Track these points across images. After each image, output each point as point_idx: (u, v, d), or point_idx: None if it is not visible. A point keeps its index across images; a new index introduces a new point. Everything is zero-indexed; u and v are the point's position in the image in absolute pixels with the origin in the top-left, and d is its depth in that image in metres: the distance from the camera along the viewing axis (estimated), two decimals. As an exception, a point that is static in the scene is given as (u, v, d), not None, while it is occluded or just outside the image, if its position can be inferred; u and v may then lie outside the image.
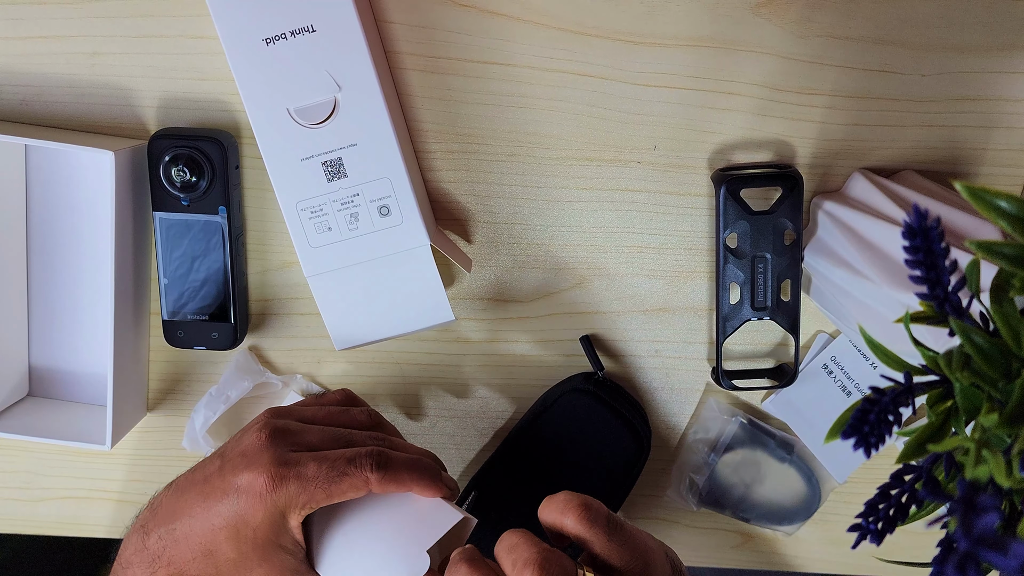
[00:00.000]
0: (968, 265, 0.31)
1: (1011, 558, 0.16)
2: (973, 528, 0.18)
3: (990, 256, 0.28)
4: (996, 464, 0.24)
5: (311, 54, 0.50)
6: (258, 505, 0.44)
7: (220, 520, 0.45)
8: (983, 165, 0.56)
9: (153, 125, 0.56)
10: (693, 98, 0.55)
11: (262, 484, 0.44)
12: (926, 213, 0.28)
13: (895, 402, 0.29)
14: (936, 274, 0.29)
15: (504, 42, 0.54)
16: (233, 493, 0.44)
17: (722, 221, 0.54)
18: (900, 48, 0.53)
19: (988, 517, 0.18)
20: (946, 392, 0.32)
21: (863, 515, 0.30)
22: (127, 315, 0.56)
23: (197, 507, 0.45)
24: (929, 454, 0.30)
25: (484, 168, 0.57)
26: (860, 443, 0.27)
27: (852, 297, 0.50)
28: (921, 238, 0.28)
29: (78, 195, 0.58)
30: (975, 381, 0.29)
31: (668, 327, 0.59)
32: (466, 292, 0.59)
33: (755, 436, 0.61)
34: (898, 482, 0.30)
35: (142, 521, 0.47)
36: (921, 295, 0.30)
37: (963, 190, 0.27)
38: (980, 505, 0.19)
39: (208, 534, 0.45)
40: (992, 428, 0.25)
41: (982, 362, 0.28)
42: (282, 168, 0.52)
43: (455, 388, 0.61)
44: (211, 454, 0.48)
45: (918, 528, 0.62)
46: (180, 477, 0.48)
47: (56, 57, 0.55)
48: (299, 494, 0.44)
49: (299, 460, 0.45)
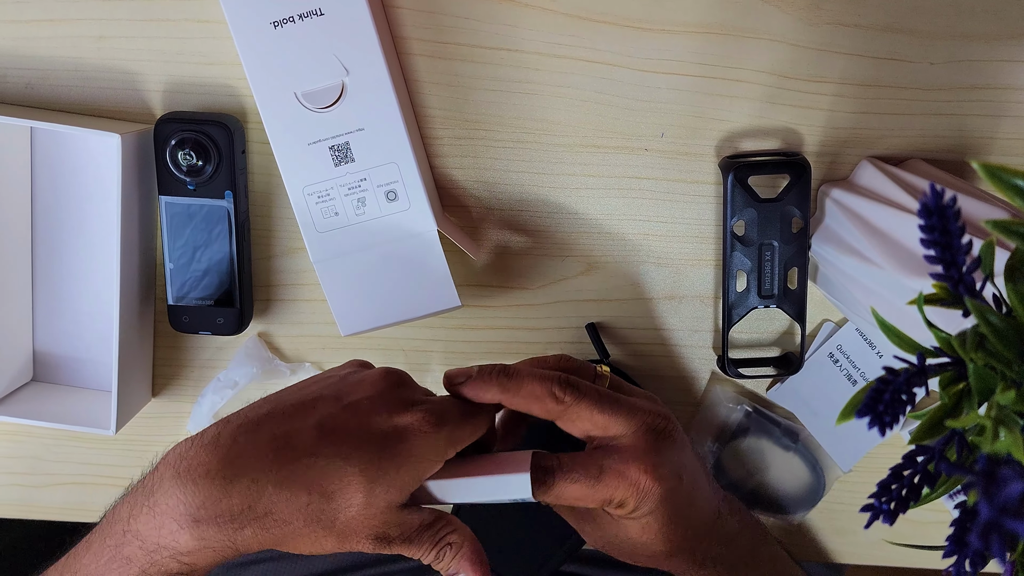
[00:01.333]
0: (983, 246, 0.31)
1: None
2: (996, 498, 0.18)
3: (1007, 235, 0.28)
4: (1015, 440, 0.24)
5: (319, 38, 0.50)
6: (417, 444, 0.41)
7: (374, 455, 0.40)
8: (991, 154, 0.56)
9: (159, 109, 0.56)
10: (701, 85, 0.55)
11: (422, 422, 0.41)
12: (942, 191, 0.28)
13: (909, 383, 0.29)
14: (951, 254, 0.29)
15: (512, 28, 0.54)
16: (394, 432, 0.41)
17: (729, 209, 0.54)
18: (909, 36, 0.53)
19: (1012, 487, 0.18)
20: (958, 374, 0.31)
21: (876, 495, 0.30)
22: (132, 300, 0.56)
23: (325, 446, 0.40)
24: (941, 435, 0.30)
25: (491, 155, 0.56)
26: (875, 422, 0.27)
27: (860, 284, 0.50)
28: (937, 217, 0.28)
29: (84, 179, 0.58)
30: (989, 362, 0.29)
31: (674, 315, 0.59)
32: (472, 278, 0.59)
33: (760, 424, 0.61)
34: (911, 463, 0.30)
35: (197, 462, 0.39)
36: (936, 275, 0.30)
37: (980, 169, 0.27)
38: (1002, 476, 0.19)
39: (352, 475, 0.40)
40: (1010, 406, 0.25)
41: (997, 342, 0.28)
42: (289, 152, 0.52)
43: (460, 375, 0.61)
44: (297, 389, 0.44)
45: (921, 517, 0.62)
46: (247, 413, 0.42)
47: (62, 40, 0.55)
48: (454, 433, 0.43)
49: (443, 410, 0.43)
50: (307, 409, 0.41)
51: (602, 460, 0.44)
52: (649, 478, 0.44)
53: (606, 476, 0.44)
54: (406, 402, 0.43)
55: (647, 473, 0.44)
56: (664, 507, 0.45)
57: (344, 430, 0.40)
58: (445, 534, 0.43)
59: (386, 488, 0.40)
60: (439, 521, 0.43)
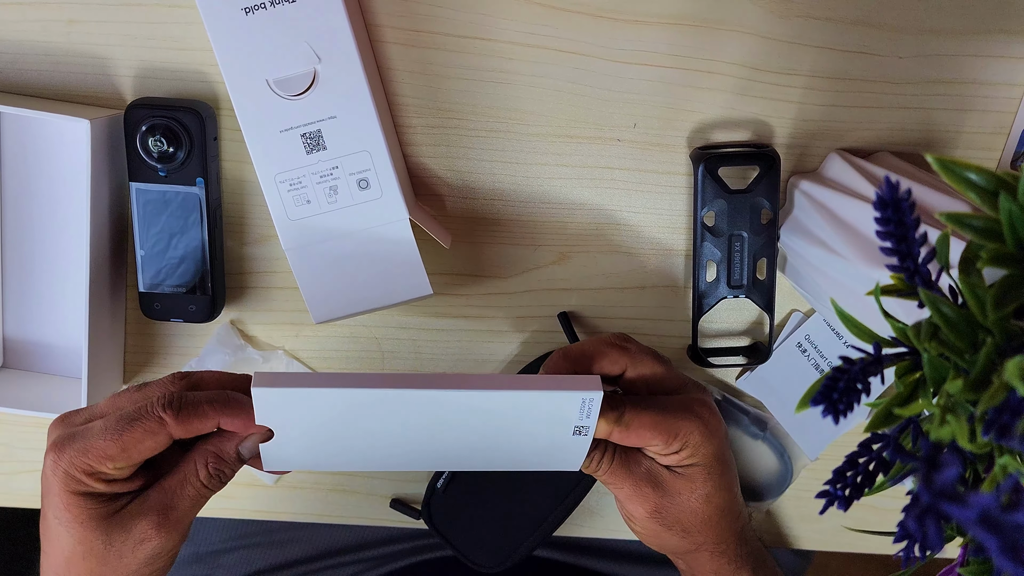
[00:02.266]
0: (938, 238, 0.32)
1: (971, 509, 0.17)
2: (934, 482, 0.19)
3: (960, 227, 0.28)
4: (959, 427, 0.24)
5: (290, 25, 0.50)
6: (52, 483, 0.42)
7: (48, 528, 0.44)
8: (957, 148, 0.56)
9: (130, 95, 0.56)
10: (673, 77, 0.55)
11: (49, 463, 0.42)
12: (897, 184, 0.28)
13: (864, 372, 0.30)
14: (907, 246, 0.30)
15: (486, 17, 0.54)
16: (45, 496, 0.43)
17: (700, 199, 0.54)
18: (878, 30, 0.54)
19: (948, 471, 0.19)
20: (914, 363, 0.32)
21: (831, 482, 0.30)
22: (103, 287, 0.56)
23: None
24: (896, 424, 0.31)
25: (464, 143, 0.57)
26: (829, 410, 0.28)
27: (826, 275, 0.51)
28: (892, 210, 0.29)
29: (53, 164, 0.57)
30: (943, 352, 0.30)
31: (645, 304, 0.60)
32: (445, 267, 0.59)
33: (729, 413, 0.61)
34: (866, 450, 0.31)
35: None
36: (892, 267, 0.31)
37: (934, 162, 0.28)
38: (941, 462, 0.19)
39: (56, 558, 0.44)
40: (956, 395, 0.26)
41: (950, 332, 0.29)
42: (261, 140, 0.52)
43: (433, 363, 0.62)
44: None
45: (885, 504, 0.63)
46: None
47: (31, 24, 0.54)
48: (85, 452, 0.41)
49: (84, 429, 0.42)
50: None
51: (665, 400, 0.47)
52: (706, 427, 0.46)
53: (671, 409, 0.46)
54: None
55: (705, 423, 0.46)
56: (713, 463, 0.47)
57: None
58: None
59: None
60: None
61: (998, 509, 0.17)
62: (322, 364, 0.61)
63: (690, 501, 0.48)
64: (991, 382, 0.25)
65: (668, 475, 0.48)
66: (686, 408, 0.46)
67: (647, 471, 0.48)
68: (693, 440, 0.46)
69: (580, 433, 0.44)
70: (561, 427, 0.44)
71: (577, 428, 0.44)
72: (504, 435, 0.45)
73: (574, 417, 0.43)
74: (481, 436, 0.45)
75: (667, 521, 0.49)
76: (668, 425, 0.45)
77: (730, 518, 0.50)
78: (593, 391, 0.42)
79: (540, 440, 0.45)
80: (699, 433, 0.46)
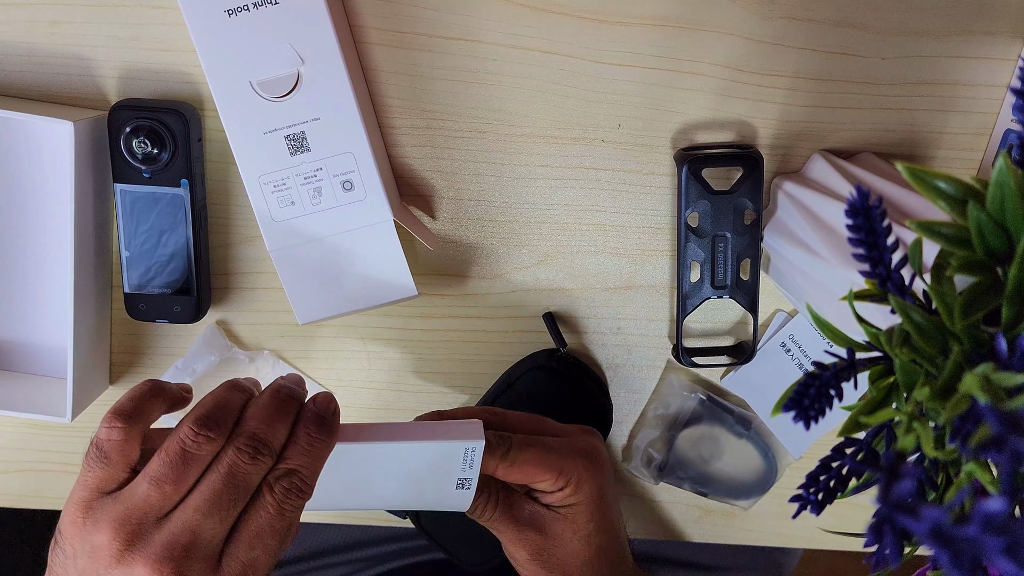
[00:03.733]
0: (911, 245, 0.32)
1: (922, 522, 0.17)
2: (891, 494, 0.19)
3: (930, 235, 0.28)
4: (924, 434, 0.25)
5: (274, 26, 0.50)
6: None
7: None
8: (940, 148, 0.57)
9: (114, 96, 0.56)
10: (657, 78, 0.55)
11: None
12: (868, 193, 0.29)
13: (837, 377, 0.30)
14: (878, 252, 0.30)
15: (470, 18, 0.54)
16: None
17: (684, 200, 0.55)
18: (861, 31, 0.54)
19: (905, 483, 0.19)
20: (888, 369, 0.32)
21: (804, 486, 0.31)
22: (88, 287, 0.56)
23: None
24: (869, 428, 0.31)
25: (448, 144, 0.57)
26: (800, 416, 0.28)
27: (808, 276, 0.51)
28: (863, 217, 0.29)
29: (37, 166, 0.57)
30: (914, 357, 0.30)
31: (630, 305, 0.60)
32: (430, 268, 0.59)
33: (714, 412, 0.62)
34: (839, 455, 0.31)
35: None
36: (864, 273, 0.31)
37: (904, 171, 0.28)
38: (901, 473, 0.20)
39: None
40: (924, 401, 0.26)
41: (920, 339, 0.29)
42: (245, 141, 0.52)
43: (418, 364, 0.62)
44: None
45: (866, 503, 0.63)
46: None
47: (14, 25, 0.54)
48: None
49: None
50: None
51: (550, 439, 0.48)
52: (591, 464, 0.47)
53: (557, 446, 0.47)
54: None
55: (590, 460, 0.47)
56: (597, 502, 0.47)
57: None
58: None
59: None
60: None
61: (948, 523, 0.17)
62: (307, 364, 0.62)
63: (572, 543, 0.48)
64: (957, 390, 0.25)
65: (551, 517, 0.48)
66: (571, 446, 0.48)
67: (530, 515, 0.49)
68: (577, 476, 0.47)
69: (463, 487, 0.46)
70: (447, 477, 0.45)
71: (460, 481, 0.45)
72: (402, 481, 0.46)
73: (457, 468, 0.45)
74: (382, 483, 0.46)
75: (549, 564, 0.49)
76: (553, 461, 0.47)
77: (611, 561, 0.50)
78: (475, 440, 0.44)
79: (430, 486, 0.46)
80: (583, 469, 0.47)
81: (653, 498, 0.65)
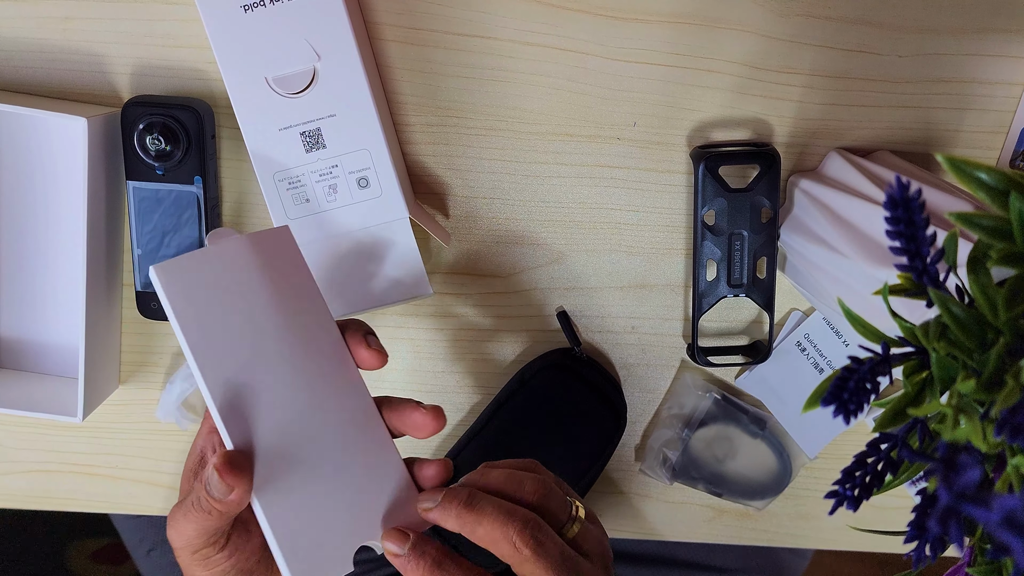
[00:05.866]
0: (947, 238, 0.32)
1: (995, 511, 0.17)
2: (955, 484, 0.19)
3: (970, 227, 0.28)
4: (974, 428, 0.24)
5: (290, 22, 0.50)
6: None
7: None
8: (956, 146, 0.56)
9: (127, 92, 0.55)
10: (673, 75, 0.55)
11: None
12: (908, 184, 0.28)
13: (873, 371, 0.30)
14: (916, 245, 0.30)
15: (485, 15, 0.54)
16: None
17: (700, 198, 0.54)
18: (877, 29, 0.54)
19: (970, 473, 0.19)
20: (922, 363, 0.32)
21: (840, 482, 0.30)
22: (99, 286, 0.55)
23: None
24: (904, 423, 0.31)
25: (463, 142, 0.56)
26: (840, 410, 0.28)
27: (827, 273, 0.51)
28: (903, 209, 0.28)
29: (49, 163, 0.57)
30: (951, 351, 0.30)
31: (645, 303, 0.60)
32: (444, 266, 0.59)
33: (728, 412, 0.61)
34: (874, 450, 0.31)
35: None
36: (900, 267, 0.31)
37: (944, 161, 0.28)
38: (961, 463, 0.19)
39: None
40: (969, 395, 0.26)
41: (959, 332, 0.29)
42: (259, 138, 0.51)
43: (432, 362, 0.61)
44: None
45: (884, 503, 0.63)
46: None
47: (27, 21, 0.54)
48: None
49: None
50: None
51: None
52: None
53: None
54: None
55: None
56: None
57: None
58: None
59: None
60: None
61: (1023, 511, 0.17)
62: (320, 364, 0.61)
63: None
64: (1004, 382, 0.25)
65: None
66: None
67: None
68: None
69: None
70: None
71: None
72: None
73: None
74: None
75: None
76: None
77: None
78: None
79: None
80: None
81: (666, 499, 0.65)
